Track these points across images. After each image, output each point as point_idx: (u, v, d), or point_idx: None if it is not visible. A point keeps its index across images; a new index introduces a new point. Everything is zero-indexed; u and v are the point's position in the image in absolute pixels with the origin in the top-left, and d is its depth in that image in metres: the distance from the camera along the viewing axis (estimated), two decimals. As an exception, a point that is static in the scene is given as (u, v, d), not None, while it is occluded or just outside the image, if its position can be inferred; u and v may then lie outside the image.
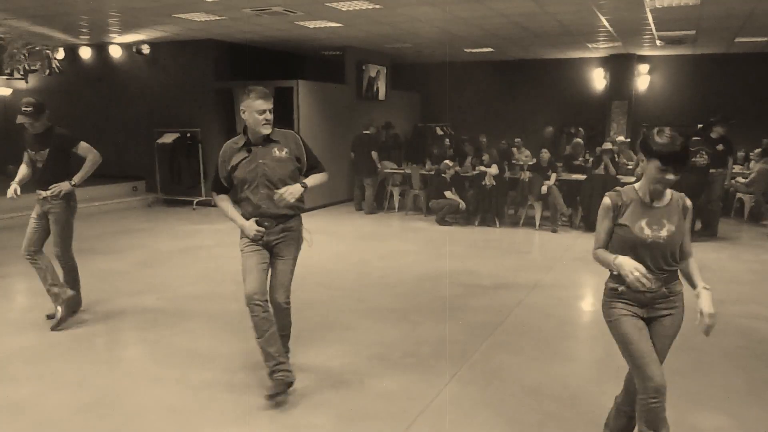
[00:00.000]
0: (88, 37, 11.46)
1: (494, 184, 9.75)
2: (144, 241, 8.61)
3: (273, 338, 3.64)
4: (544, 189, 9.42)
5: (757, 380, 4.11)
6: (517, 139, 12.90)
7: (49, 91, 12.59)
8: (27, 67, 11.92)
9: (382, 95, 13.47)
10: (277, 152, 3.67)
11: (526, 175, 9.71)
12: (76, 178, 4.89)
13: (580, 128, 13.22)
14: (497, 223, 9.87)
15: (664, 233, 2.62)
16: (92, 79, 12.59)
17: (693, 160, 8.37)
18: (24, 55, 11.67)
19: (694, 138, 8.58)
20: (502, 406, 3.71)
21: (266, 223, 3.67)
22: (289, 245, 3.77)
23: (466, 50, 13.04)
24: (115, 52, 12.16)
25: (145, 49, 11.83)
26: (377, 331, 5.04)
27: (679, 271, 2.75)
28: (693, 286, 2.73)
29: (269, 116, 3.59)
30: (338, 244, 8.55)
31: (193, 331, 4.98)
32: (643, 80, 13.58)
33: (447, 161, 10.43)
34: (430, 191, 10.53)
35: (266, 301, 3.65)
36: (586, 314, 5.84)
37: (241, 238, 3.77)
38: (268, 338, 3.62)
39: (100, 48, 12.29)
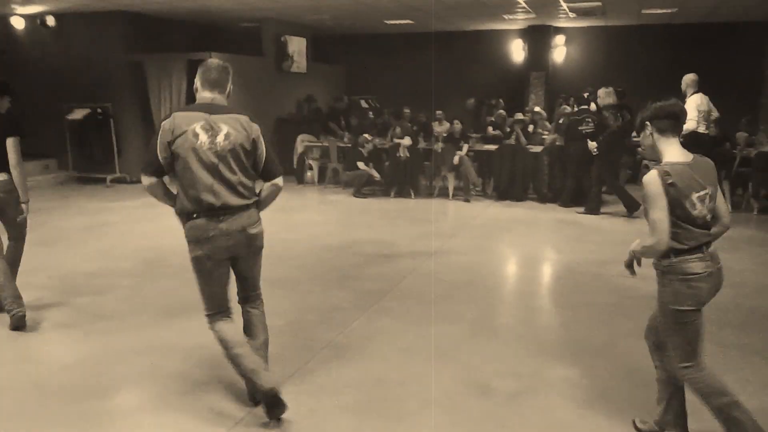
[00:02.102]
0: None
1: (408, 155, 9.87)
2: (47, 219, 8.34)
3: None
4: (455, 159, 9.60)
5: (616, 334, 4.37)
6: (438, 112, 13.01)
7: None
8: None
9: (302, 68, 13.33)
10: None
11: (439, 146, 9.86)
12: None
13: (500, 99, 13.46)
14: (413, 194, 10.02)
15: None
16: (-6, 52, 11.99)
17: (580, 128, 8.63)
18: None
19: (581, 107, 8.87)
20: (368, 367, 3.84)
21: None
22: None
23: (386, 22, 13.02)
24: (18, 23, 11.60)
25: (50, 21, 11.32)
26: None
27: None
28: None
29: None
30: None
31: (74, 306, 4.93)
32: (559, 51, 13.89)
33: (366, 135, 10.48)
34: (347, 164, 10.57)
35: None
36: (476, 278, 6.01)
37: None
38: None
39: (2, 19, 11.69)
